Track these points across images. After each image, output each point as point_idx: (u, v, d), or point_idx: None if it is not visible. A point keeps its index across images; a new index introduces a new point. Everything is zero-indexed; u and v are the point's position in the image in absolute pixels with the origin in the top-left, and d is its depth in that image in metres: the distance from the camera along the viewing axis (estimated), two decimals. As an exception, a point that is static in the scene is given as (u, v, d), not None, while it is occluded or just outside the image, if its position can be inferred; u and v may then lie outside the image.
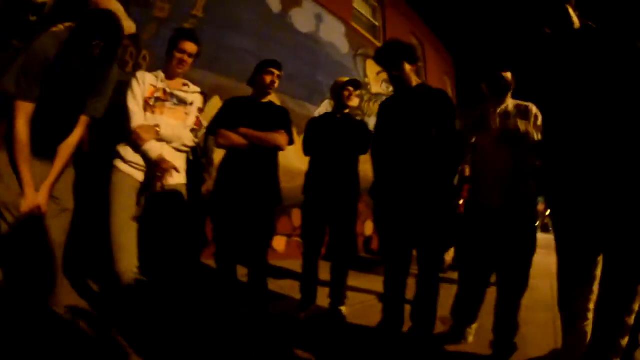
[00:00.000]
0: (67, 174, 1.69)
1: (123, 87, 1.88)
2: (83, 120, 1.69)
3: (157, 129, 1.79)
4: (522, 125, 2.01)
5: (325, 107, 5.29)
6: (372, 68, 6.55)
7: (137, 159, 1.80)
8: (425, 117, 1.99)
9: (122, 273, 1.71)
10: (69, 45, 1.48)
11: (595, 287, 1.59)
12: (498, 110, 2.09)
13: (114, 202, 1.77)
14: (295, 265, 3.43)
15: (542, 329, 2.44)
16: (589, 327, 1.62)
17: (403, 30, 8.27)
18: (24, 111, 1.45)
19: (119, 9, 1.75)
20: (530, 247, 1.97)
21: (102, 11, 1.57)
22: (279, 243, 4.61)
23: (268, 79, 2.25)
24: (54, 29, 1.55)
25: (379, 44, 6.99)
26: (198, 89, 2.08)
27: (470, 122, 2.21)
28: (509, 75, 2.11)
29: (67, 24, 1.58)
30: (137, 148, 1.77)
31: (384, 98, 6.39)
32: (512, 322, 1.99)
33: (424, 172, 1.95)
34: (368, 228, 5.84)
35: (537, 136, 1.99)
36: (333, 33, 5.86)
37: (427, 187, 1.95)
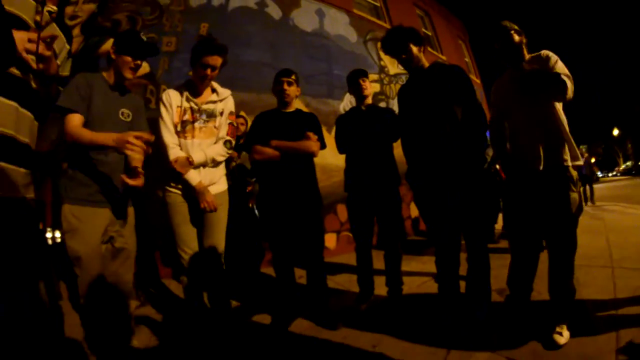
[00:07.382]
0: (129, 213, 1.81)
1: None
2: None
3: (190, 159, 1.94)
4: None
5: (348, 98, 5.28)
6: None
7: (179, 183, 1.99)
8: (443, 96, 1.97)
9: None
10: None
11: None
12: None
13: (175, 217, 1.97)
14: (348, 259, 3.49)
15: (599, 289, 2.35)
16: None
17: (405, 3, 8.05)
18: (74, 120, 1.59)
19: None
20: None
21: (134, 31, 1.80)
22: (330, 240, 4.68)
23: (278, 89, 2.37)
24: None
25: (385, 24, 6.86)
26: (228, 92, 2.15)
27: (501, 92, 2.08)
28: (515, 36, 1.94)
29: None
30: (178, 177, 1.95)
31: (403, 78, 6.36)
32: (567, 285, 1.88)
33: (453, 149, 1.93)
34: (414, 210, 5.76)
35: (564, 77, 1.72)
36: (338, 25, 5.82)
37: (459, 163, 1.92)
